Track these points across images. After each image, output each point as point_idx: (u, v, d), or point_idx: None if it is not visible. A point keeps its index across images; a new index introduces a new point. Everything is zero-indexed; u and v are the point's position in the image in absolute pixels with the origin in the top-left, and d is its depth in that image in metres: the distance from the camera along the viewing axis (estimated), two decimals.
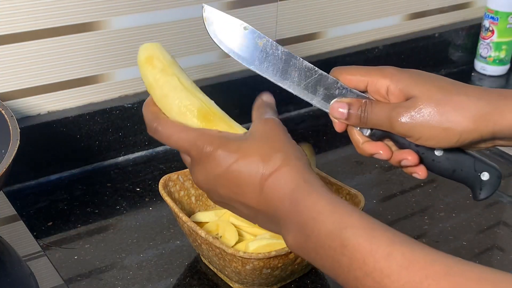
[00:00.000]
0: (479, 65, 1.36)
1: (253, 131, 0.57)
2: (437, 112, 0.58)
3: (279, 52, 0.61)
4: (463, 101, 0.58)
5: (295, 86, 0.62)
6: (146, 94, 1.00)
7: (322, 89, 0.62)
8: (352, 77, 0.62)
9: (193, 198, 0.82)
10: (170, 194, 0.78)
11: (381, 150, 0.62)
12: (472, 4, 1.39)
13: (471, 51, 1.38)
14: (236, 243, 0.75)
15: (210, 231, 0.76)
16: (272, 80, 0.62)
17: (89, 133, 0.96)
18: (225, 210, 0.80)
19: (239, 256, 0.67)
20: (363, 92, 0.63)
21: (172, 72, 0.60)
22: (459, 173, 0.63)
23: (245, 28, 0.61)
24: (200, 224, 0.78)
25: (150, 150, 1.02)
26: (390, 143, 0.63)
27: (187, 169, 0.81)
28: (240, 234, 0.77)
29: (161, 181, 0.78)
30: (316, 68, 0.63)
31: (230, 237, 0.75)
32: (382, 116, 0.60)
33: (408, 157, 0.61)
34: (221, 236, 0.75)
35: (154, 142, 1.02)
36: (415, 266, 0.45)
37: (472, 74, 1.37)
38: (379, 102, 0.61)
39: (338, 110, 0.62)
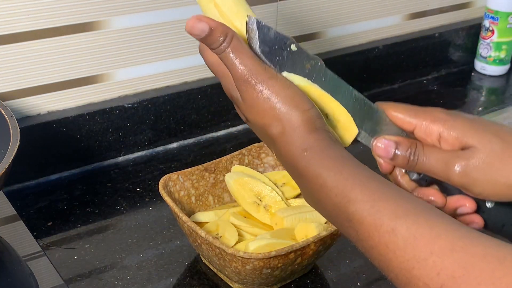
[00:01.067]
0: (479, 65, 1.36)
1: (254, 96, 0.53)
2: (501, 167, 0.53)
3: (328, 78, 0.56)
4: None
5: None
6: (146, 94, 1.01)
7: (369, 123, 0.57)
8: (398, 115, 0.57)
9: (193, 198, 0.82)
10: (170, 194, 0.78)
11: (433, 197, 0.57)
12: (472, 4, 1.39)
13: (471, 51, 1.38)
14: (236, 243, 0.75)
15: (210, 231, 0.76)
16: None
17: (89, 133, 0.96)
18: (225, 210, 0.80)
19: (239, 256, 0.67)
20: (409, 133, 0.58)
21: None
22: (508, 228, 0.57)
23: (293, 47, 0.55)
24: (200, 224, 0.78)
25: (150, 150, 1.02)
26: (436, 188, 0.58)
27: (187, 169, 0.81)
28: (240, 234, 0.77)
29: (161, 181, 0.78)
30: (366, 99, 0.57)
31: (230, 237, 0.75)
32: (437, 164, 0.55)
33: (466, 204, 0.56)
34: (221, 236, 0.75)
35: (154, 142, 1.02)
36: (420, 241, 0.44)
37: (472, 74, 1.37)
38: (432, 147, 0.56)
39: (382, 148, 0.56)
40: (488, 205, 0.57)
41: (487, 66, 1.35)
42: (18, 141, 0.72)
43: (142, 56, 0.99)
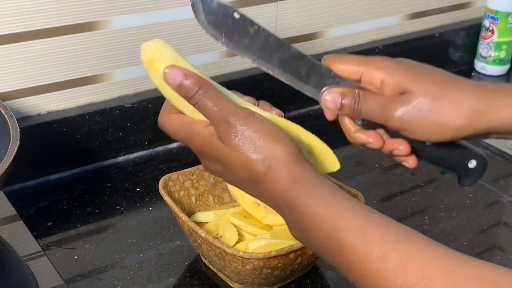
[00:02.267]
0: (479, 65, 1.36)
1: (228, 137, 0.54)
2: (431, 108, 0.57)
3: (271, 40, 0.60)
4: (457, 97, 0.57)
5: (286, 75, 0.61)
6: (146, 93, 1.01)
7: (314, 78, 0.61)
8: (345, 66, 0.61)
9: (193, 198, 0.82)
10: (170, 194, 0.78)
11: (372, 139, 0.61)
12: (472, 4, 1.39)
13: (471, 51, 1.38)
14: (236, 243, 0.75)
15: (210, 231, 0.76)
16: (263, 68, 0.61)
17: (89, 133, 0.96)
18: (225, 210, 0.80)
19: (239, 256, 0.67)
20: (356, 82, 0.61)
21: None
22: (447, 162, 0.63)
23: (236, 15, 0.59)
24: (200, 224, 0.78)
25: (150, 150, 1.02)
26: (382, 131, 0.63)
27: (187, 169, 0.81)
28: (240, 234, 0.77)
29: (161, 181, 0.78)
30: (309, 56, 0.61)
31: (230, 237, 0.75)
32: (376, 110, 0.59)
33: (400, 147, 0.61)
34: (221, 236, 0.75)
35: (154, 142, 1.02)
36: (411, 266, 0.44)
37: (472, 74, 1.37)
38: (373, 94, 0.60)
39: (330, 100, 0.60)
40: (427, 143, 0.62)
41: (487, 66, 1.35)
42: (18, 141, 0.72)
43: None
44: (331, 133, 1.11)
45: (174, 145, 1.04)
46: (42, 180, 0.93)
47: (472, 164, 0.63)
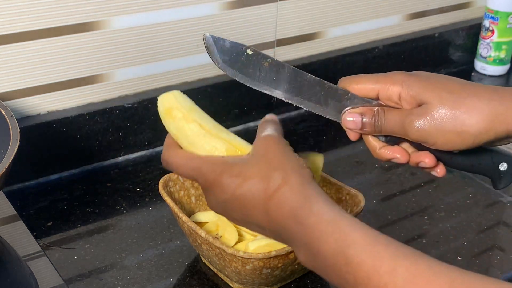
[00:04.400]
0: (479, 65, 1.36)
1: (253, 151, 0.56)
2: (450, 117, 0.58)
3: (286, 70, 0.62)
4: (475, 103, 0.58)
5: (306, 102, 0.63)
6: (146, 93, 1.01)
7: (333, 101, 0.62)
8: (361, 86, 0.62)
9: (193, 198, 0.82)
10: (170, 194, 0.78)
11: (398, 154, 0.62)
12: (472, 4, 1.39)
13: (471, 51, 1.38)
14: (236, 243, 0.75)
15: (210, 231, 0.76)
16: (282, 98, 0.62)
17: (89, 133, 0.96)
18: None
19: (239, 256, 0.67)
20: (374, 99, 0.62)
21: (193, 119, 0.60)
22: (477, 167, 0.63)
23: (248, 51, 0.61)
24: (200, 224, 0.78)
25: (150, 150, 1.02)
26: (407, 145, 0.63)
27: None
28: (240, 234, 0.77)
29: (161, 181, 0.78)
30: (324, 81, 0.62)
31: (230, 237, 0.75)
32: (395, 124, 0.60)
33: (425, 160, 0.62)
34: (221, 236, 0.75)
35: (154, 142, 1.02)
36: (419, 280, 0.45)
37: (472, 74, 1.37)
38: (391, 109, 0.61)
39: (351, 121, 0.62)
40: (454, 151, 0.61)
41: (487, 66, 1.35)
42: (18, 141, 0.72)
43: (142, 56, 0.99)
44: (330, 133, 1.11)
45: None
46: (42, 180, 0.93)
47: (503, 167, 0.63)
